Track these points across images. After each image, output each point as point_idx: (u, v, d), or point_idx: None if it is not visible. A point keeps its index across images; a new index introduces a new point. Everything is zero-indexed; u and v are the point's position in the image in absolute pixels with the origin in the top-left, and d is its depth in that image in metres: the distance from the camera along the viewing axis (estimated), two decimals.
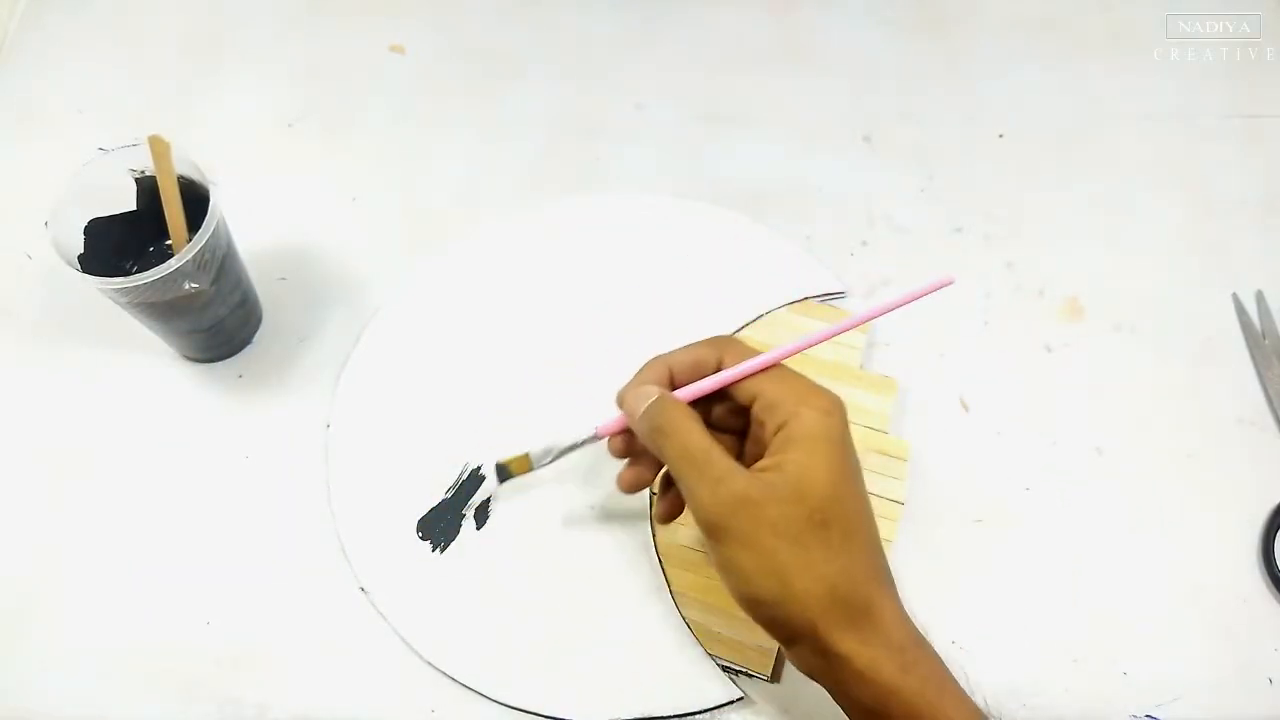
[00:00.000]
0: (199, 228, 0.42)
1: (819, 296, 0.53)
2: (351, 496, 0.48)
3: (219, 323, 0.48)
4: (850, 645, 0.34)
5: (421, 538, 0.47)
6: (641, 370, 0.39)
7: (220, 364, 0.51)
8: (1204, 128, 0.60)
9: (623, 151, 0.58)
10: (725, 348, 0.39)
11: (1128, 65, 0.62)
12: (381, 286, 0.53)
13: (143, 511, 0.47)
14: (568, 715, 0.43)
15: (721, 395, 0.38)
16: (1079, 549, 0.47)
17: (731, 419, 0.39)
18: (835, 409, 0.36)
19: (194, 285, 0.44)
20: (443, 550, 0.46)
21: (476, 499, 0.47)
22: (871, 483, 0.47)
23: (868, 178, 0.58)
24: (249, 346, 0.52)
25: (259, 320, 0.52)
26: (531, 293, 0.53)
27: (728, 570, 0.35)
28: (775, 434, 0.36)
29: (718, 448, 0.36)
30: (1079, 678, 0.45)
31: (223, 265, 0.45)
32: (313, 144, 0.58)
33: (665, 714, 0.43)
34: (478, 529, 0.47)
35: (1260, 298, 0.54)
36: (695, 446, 0.36)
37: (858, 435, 0.48)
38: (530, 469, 0.43)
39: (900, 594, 0.35)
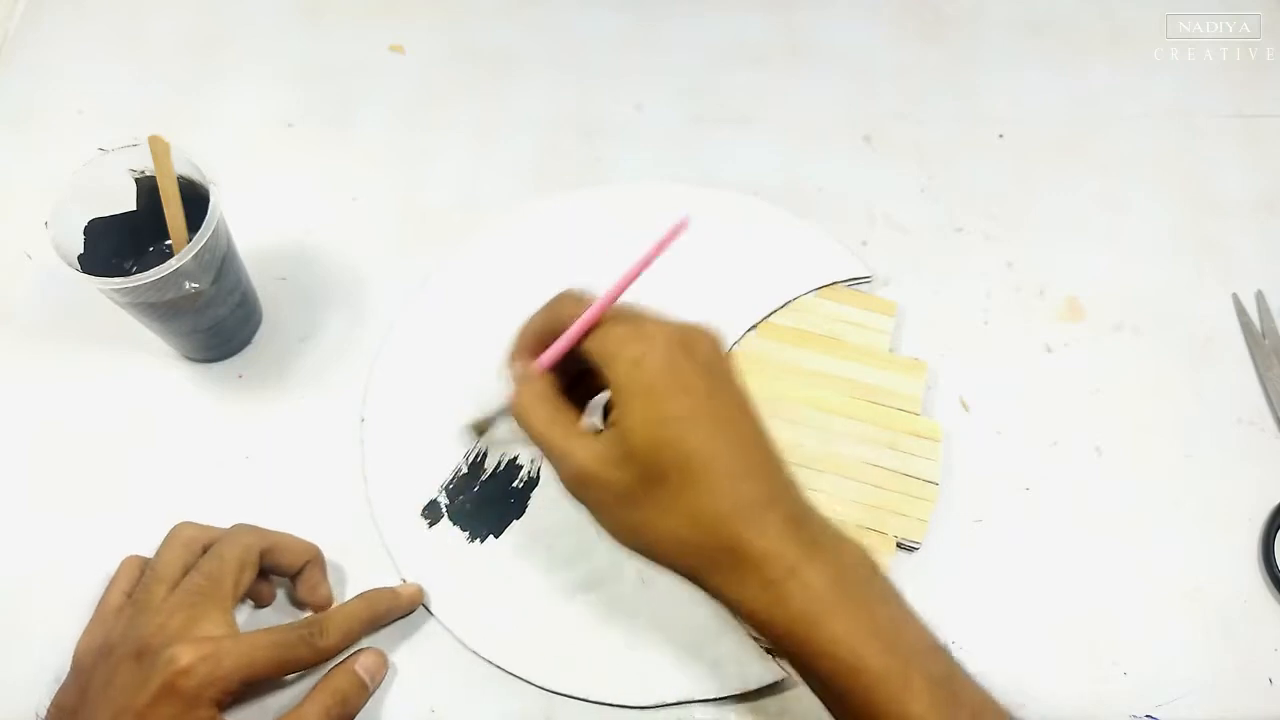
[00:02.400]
0: (199, 228, 0.42)
1: (846, 281, 0.53)
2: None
3: (219, 323, 0.48)
4: (727, 587, 0.33)
5: (460, 529, 0.46)
6: (512, 346, 0.38)
7: (220, 364, 0.51)
8: (1203, 127, 0.60)
9: (623, 151, 0.58)
10: (562, 306, 0.37)
11: (1128, 65, 0.62)
12: (381, 286, 0.53)
13: (143, 512, 0.47)
14: (612, 700, 0.43)
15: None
16: (1079, 549, 0.47)
17: None
18: (649, 353, 0.34)
19: (194, 285, 0.44)
20: (482, 541, 0.46)
21: (513, 487, 0.47)
22: (905, 464, 0.47)
23: (868, 178, 0.58)
24: (249, 346, 0.52)
25: (259, 320, 0.52)
26: (554, 283, 0.53)
27: (600, 531, 0.36)
28: (611, 389, 0.35)
29: (560, 422, 0.36)
30: (1079, 678, 0.45)
31: (223, 265, 0.45)
32: (313, 144, 0.58)
33: (708, 697, 0.43)
34: (518, 519, 0.46)
35: (1260, 298, 0.54)
36: (539, 427, 0.36)
37: (888, 418, 0.48)
38: (488, 428, 0.42)
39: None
